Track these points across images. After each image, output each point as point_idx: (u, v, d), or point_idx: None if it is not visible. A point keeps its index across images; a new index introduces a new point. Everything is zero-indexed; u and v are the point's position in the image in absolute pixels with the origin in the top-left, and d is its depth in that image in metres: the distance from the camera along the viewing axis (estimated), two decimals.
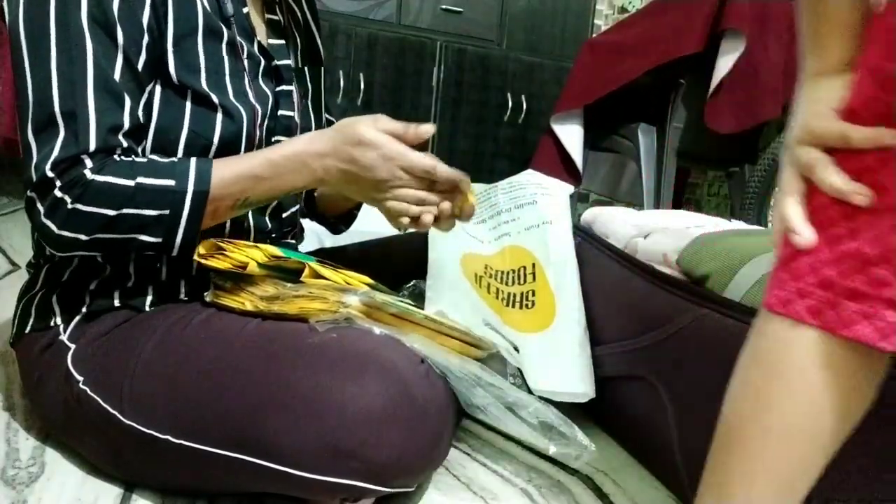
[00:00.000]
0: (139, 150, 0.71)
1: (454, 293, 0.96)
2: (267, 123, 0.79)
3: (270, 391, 0.64)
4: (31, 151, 0.65)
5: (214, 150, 0.74)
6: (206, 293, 0.76)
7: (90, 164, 0.65)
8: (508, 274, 1.02)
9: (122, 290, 0.75)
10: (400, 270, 0.97)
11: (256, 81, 0.79)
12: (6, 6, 0.67)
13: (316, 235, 1.51)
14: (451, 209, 0.76)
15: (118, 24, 0.66)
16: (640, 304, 0.89)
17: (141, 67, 0.69)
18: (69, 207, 0.64)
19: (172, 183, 0.67)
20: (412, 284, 0.98)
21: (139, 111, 0.69)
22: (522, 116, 2.77)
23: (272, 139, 0.82)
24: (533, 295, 0.99)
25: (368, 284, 0.76)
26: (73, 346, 0.73)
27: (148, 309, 0.75)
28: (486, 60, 2.68)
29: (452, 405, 0.72)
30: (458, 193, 0.76)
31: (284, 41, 0.87)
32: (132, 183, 0.65)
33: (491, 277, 1.01)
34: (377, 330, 0.69)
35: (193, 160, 0.69)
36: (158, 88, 0.71)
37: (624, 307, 0.93)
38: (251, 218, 0.81)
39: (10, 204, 2.16)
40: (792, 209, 0.49)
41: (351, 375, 0.64)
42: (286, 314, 0.71)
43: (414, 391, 0.65)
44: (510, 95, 2.74)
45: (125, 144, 0.68)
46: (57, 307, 0.75)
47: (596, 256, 1.02)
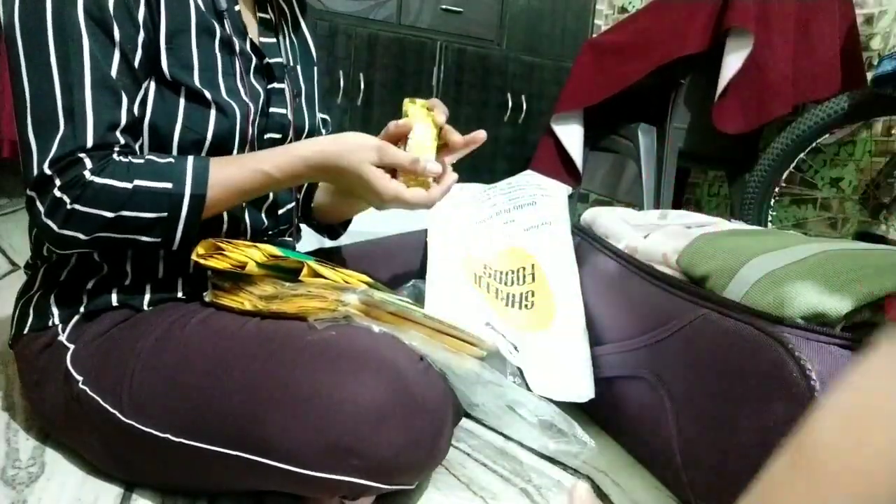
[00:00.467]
0: (137, 146, 0.71)
1: (455, 293, 0.96)
2: (259, 121, 0.80)
3: (270, 389, 0.64)
4: (30, 150, 0.65)
5: (208, 145, 0.74)
6: (205, 293, 0.76)
7: (89, 164, 0.65)
8: (508, 274, 1.02)
9: (119, 288, 0.75)
10: (400, 270, 0.97)
11: (248, 79, 0.80)
12: (1, 5, 0.67)
13: (315, 235, 1.51)
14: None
15: (114, 20, 0.67)
16: (640, 304, 0.89)
17: (137, 64, 0.69)
18: (68, 208, 0.65)
19: (170, 186, 0.67)
20: (411, 284, 0.98)
21: (136, 108, 0.69)
22: (522, 116, 2.77)
23: (265, 136, 0.82)
24: (532, 295, 0.99)
25: (367, 283, 0.76)
26: (71, 346, 0.73)
27: (146, 308, 0.75)
28: (486, 60, 2.68)
29: (452, 403, 0.72)
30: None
31: (276, 40, 0.87)
32: (130, 186, 0.66)
33: (490, 277, 1.01)
34: (376, 328, 0.70)
35: (190, 161, 0.69)
36: (153, 85, 0.71)
37: (624, 307, 0.93)
38: (247, 215, 0.82)
39: (10, 204, 2.16)
40: None
41: (350, 372, 0.64)
42: (285, 313, 0.72)
43: (413, 388, 0.65)
44: (510, 95, 2.74)
45: (122, 141, 0.68)
46: (55, 307, 0.75)
47: (596, 256, 1.02)
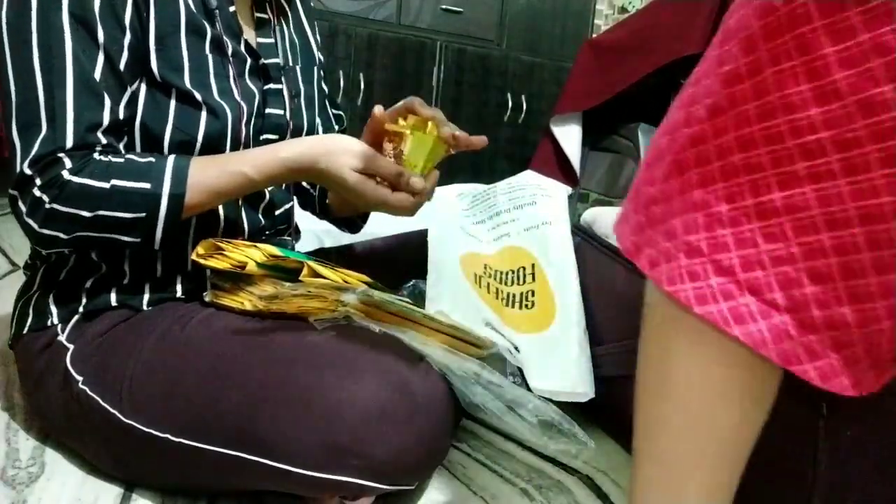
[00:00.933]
0: (121, 146, 0.71)
1: (454, 293, 0.96)
2: (254, 122, 0.79)
3: (269, 389, 0.64)
4: (15, 150, 0.65)
5: (199, 147, 0.74)
6: (205, 293, 0.76)
7: (69, 163, 0.65)
8: (508, 274, 1.02)
9: (118, 288, 0.75)
10: (400, 270, 0.97)
11: (242, 80, 0.79)
12: None
13: (315, 235, 1.51)
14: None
15: (99, 22, 0.67)
16: (640, 303, 0.89)
17: (123, 66, 0.69)
18: (47, 207, 0.65)
19: (148, 186, 0.67)
20: (411, 284, 0.98)
21: (121, 109, 0.69)
22: (522, 116, 2.77)
23: (260, 138, 0.82)
24: (533, 295, 0.99)
25: (367, 283, 0.76)
26: (71, 346, 0.73)
27: (146, 308, 0.75)
28: (486, 60, 2.68)
29: (452, 403, 0.73)
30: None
31: (273, 40, 0.87)
32: (107, 185, 0.66)
33: (490, 277, 1.01)
34: (376, 328, 0.70)
35: (171, 160, 0.69)
36: (143, 86, 0.71)
37: (624, 307, 0.93)
38: (244, 215, 0.81)
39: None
40: None
41: (350, 373, 0.64)
42: (285, 313, 0.72)
43: (413, 388, 0.65)
44: (510, 95, 2.74)
45: (104, 141, 0.68)
46: (54, 307, 0.75)
47: (596, 256, 1.02)
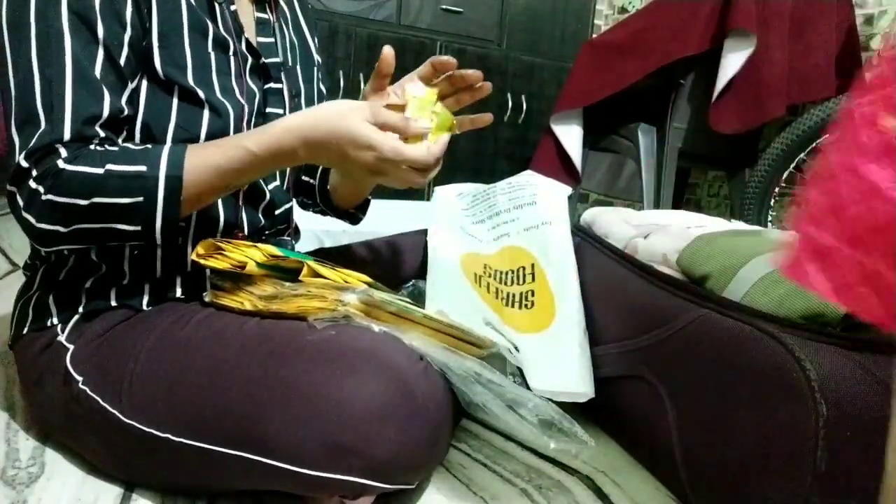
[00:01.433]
0: (119, 140, 0.70)
1: (454, 293, 0.96)
2: (255, 121, 0.80)
3: (269, 388, 0.64)
4: (14, 146, 0.65)
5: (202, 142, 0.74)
6: (204, 293, 0.76)
7: (64, 153, 0.65)
8: (508, 274, 1.02)
9: (118, 288, 0.75)
10: (399, 270, 0.97)
11: (243, 78, 0.80)
12: None
13: (315, 235, 1.51)
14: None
15: (99, 18, 0.67)
16: (640, 304, 0.89)
17: (123, 62, 0.69)
18: (43, 199, 0.64)
19: (143, 169, 0.66)
20: (411, 284, 0.98)
21: (121, 103, 0.69)
22: (522, 116, 2.77)
23: None
24: (532, 295, 0.99)
25: (367, 283, 0.76)
26: (71, 346, 0.73)
27: (146, 308, 0.75)
28: (486, 60, 2.68)
29: (452, 402, 0.73)
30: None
31: (274, 39, 0.87)
32: (101, 171, 0.65)
33: (490, 277, 1.01)
34: (376, 327, 0.70)
35: (167, 146, 0.69)
36: (145, 83, 0.71)
37: (624, 307, 0.93)
38: (244, 214, 0.81)
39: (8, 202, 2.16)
40: None
41: (349, 372, 0.64)
42: (285, 313, 0.72)
43: (413, 387, 0.65)
44: (510, 95, 2.74)
45: (102, 135, 0.67)
46: (54, 307, 0.75)
47: (596, 256, 1.02)
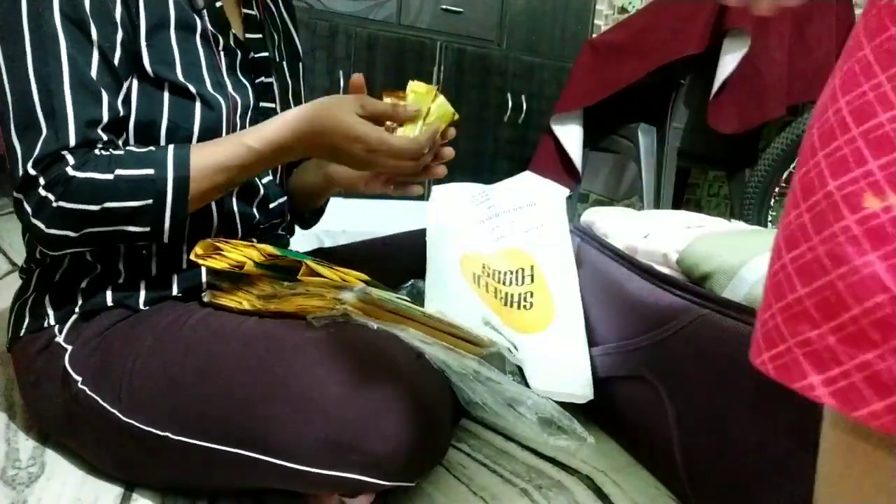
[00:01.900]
0: (120, 143, 0.71)
1: (453, 292, 0.96)
2: (249, 115, 0.80)
3: (268, 386, 0.64)
4: (15, 153, 0.65)
5: (195, 141, 0.74)
6: (203, 293, 0.76)
7: (72, 160, 0.65)
8: (507, 274, 1.02)
9: (114, 288, 0.75)
10: (399, 270, 0.97)
11: (234, 73, 0.80)
12: None
13: (314, 235, 1.51)
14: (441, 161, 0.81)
15: (91, 20, 0.67)
16: (640, 304, 0.89)
17: (117, 62, 0.69)
18: (54, 206, 0.65)
19: (151, 172, 0.67)
20: (410, 284, 0.98)
21: (118, 105, 0.69)
22: (522, 116, 2.77)
23: None
24: (531, 296, 0.99)
25: (365, 282, 0.76)
26: (69, 346, 0.73)
27: (143, 307, 0.75)
28: (486, 60, 2.68)
29: (451, 399, 0.73)
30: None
31: (261, 35, 0.88)
32: (111, 176, 0.66)
33: (489, 277, 1.01)
34: (374, 325, 0.70)
35: (171, 147, 0.69)
36: (136, 83, 0.71)
37: (624, 307, 0.93)
38: (236, 208, 0.82)
39: (9, 204, 2.16)
40: None
41: (348, 369, 0.64)
42: (284, 312, 0.72)
43: (411, 384, 0.65)
44: (510, 95, 2.74)
45: (105, 138, 0.68)
46: (51, 308, 0.75)
47: (596, 256, 1.02)
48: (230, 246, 0.72)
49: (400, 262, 1.00)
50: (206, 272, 0.77)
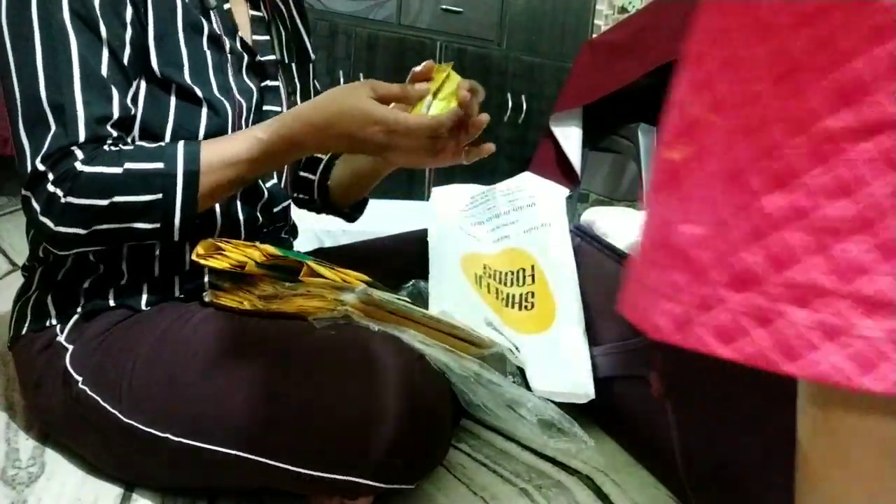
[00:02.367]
0: (129, 139, 0.70)
1: (456, 293, 0.96)
2: (252, 118, 0.80)
3: (268, 388, 0.64)
4: (24, 150, 0.65)
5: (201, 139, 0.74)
6: (204, 293, 0.76)
7: (81, 155, 0.64)
8: (507, 275, 1.02)
9: (116, 288, 0.75)
10: (400, 270, 0.97)
11: (240, 76, 0.80)
12: None
13: (315, 235, 1.51)
14: (462, 144, 0.83)
15: (101, 18, 0.67)
16: None
17: (127, 61, 0.69)
18: (63, 202, 0.64)
19: (161, 166, 0.66)
20: (411, 284, 0.98)
21: (128, 102, 0.69)
22: (522, 116, 2.77)
23: None
24: (532, 297, 0.99)
25: (366, 283, 0.76)
26: (70, 346, 0.73)
27: (144, 308, 0.75)
28: (486, 60, 2.68)
29: (451, 402, 0.73)
30: (466, 126, 0.83)
31: (269, 37, 0.87)
32: (120, 170, 0.65)
33: (490, 278, 1.01)
34: (375, 327, 0.70)
35: (181, 142, 0.69)
36: (143, 84, 0.71)
37: None
38: (240, 212, 0.81)
39: (9, 204, 2.16)
40: None
41: (349, 371, 0.64)
42: (285, 313, 0.72)
43: (412, 386, 0.65)
44: (510, 95, 2.74)
45: (115, 134, 0.67)
46: (53, 308, 0.75)
47: (596, 256, 1.02)
48: (232, 246, 0.72)
49: (401, 262, 1.00)
50: (207, 272, 0.77)
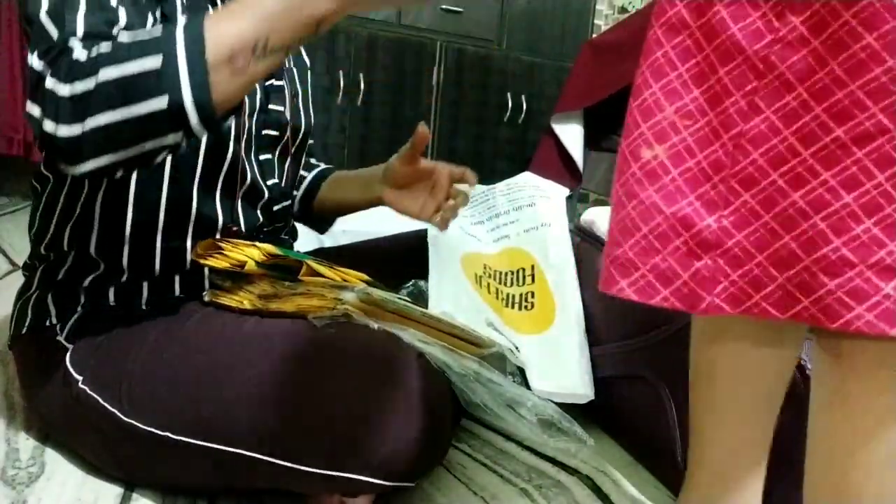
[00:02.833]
0: None
1: (456, 293, 0.96)
2: (257, 116, 0.80)
3: (268, 386, 0.64)
4: (31, 69, 0.59)
5: (205, 141, 0.74)
6: (204, 293, 0.76)
7: (79, 45, 0.58)
8: (507, 275, 1.02)
9: (116, 287, 0.75)
10: (400, 270, 0.97)
11: None
12: None
13: (315, 235, 1.51)
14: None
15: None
16: (640, 304, 0.89)
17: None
18: (59, 95, 0.56)
19: (157, 33, 0.57)
20: (411, 284, 0.98)
21: (135, 20, 0.64)
22: (522, 116, 2.77)
23: (262, 133, 0.82)
24: (532, 297, 0.99)
25: (366, 282, 0.76)
26: (70, 345, 0.73)
27: (144, 307, 0.75)
28: (486, 60, 2.68)
29: (451, 399, 0.73)
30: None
31: None
32: (110, 44, 0.57)
33: (490, 278, 1.01)
34: (375, 325, 0.70)
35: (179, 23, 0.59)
36: None
37: (624, 307, 0.93)
38: (241, 211, 0.82)
39: (10, 204, 2.16)
40: None
41: (348, 368, 0.64)
42: (284, 312, 0.72)
43: (412, 384, 0.65)
44: (510, 95, 2.74)
45: (115, 33, 0.61)
46: (53, 307, 0.75)
47: (596, 257, 1.02)
48: (231, 245, 0.72)
49: (401, 262, 1.00)
50: (207, 272, 0.77)
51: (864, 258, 0.43)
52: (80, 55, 0.57)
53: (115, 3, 0.64)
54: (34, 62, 0.58)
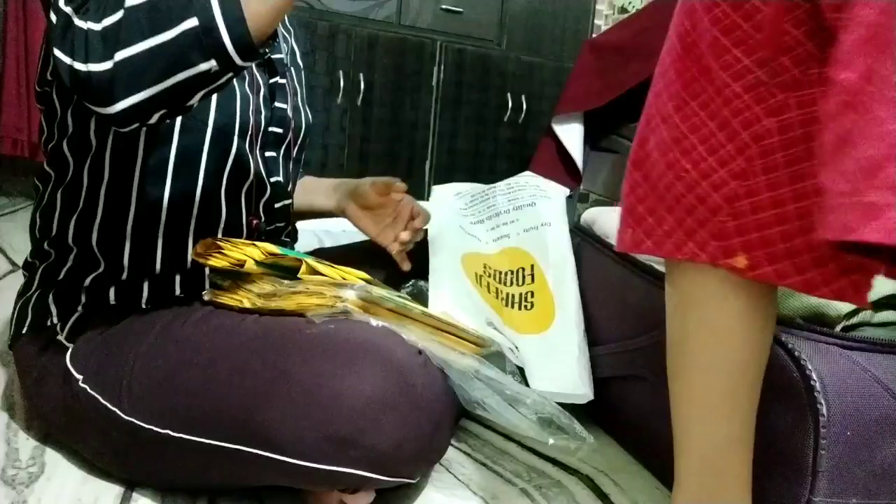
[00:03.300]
0: None
1: (457, 292, 0.96)
2: (263, 113, 0.81)
3: (268, 382, 0.64)
4: (49, 19, 0.58)
5: (210, 134, 0.74)
6: (204, 292, 0.76)
7: None
8: (507, 274, 1.02)
9: (117, 286, 0.75)
10: (399, 270, 0.98)
11: (251, 70, 0.81)
12: None
13: (315, 235, 1.51)
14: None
15: None
16: (640, 304, 0.89)
17: None
18: (89, 33, 0.55)
19: None
20: (411, 284, 0.98)
21: None
22: (522, 116, 2.77)
23: (267, 129, 0.83)
24: (532, 296, 0.99)
25: (366, 281, 0.76)
26: (70, 345, 0.73)
27: (145, 306, 0.75)
28: (486, 60, 2.68)
29: (451, 396, 0.73)
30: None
31: (276, 38, 0.88)
32: None
33: (490, 277, 1.01)
34: (374, 322, 0.70)
35: None
36: None
37: (624, 307, 0.93)
38: (243, 208, 0.82)
39: (10, 204, 2.16)
40: None
41: (348, 364, 0.64)
42: (284, 310, 0.72)
43: (412, 379, 0.65)
44: (510, 95, 2.74)
45: None
46: (53, 306, 0.75)
47: (596, 256, 1.02)
48: (231, 244, 0.72)
49: None
50: (207, 271, 0.77)
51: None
52: None
53: None
54: (61, 6, 0.57)
